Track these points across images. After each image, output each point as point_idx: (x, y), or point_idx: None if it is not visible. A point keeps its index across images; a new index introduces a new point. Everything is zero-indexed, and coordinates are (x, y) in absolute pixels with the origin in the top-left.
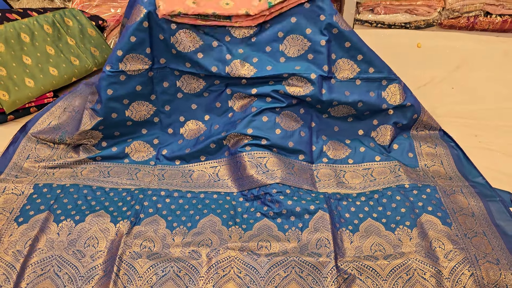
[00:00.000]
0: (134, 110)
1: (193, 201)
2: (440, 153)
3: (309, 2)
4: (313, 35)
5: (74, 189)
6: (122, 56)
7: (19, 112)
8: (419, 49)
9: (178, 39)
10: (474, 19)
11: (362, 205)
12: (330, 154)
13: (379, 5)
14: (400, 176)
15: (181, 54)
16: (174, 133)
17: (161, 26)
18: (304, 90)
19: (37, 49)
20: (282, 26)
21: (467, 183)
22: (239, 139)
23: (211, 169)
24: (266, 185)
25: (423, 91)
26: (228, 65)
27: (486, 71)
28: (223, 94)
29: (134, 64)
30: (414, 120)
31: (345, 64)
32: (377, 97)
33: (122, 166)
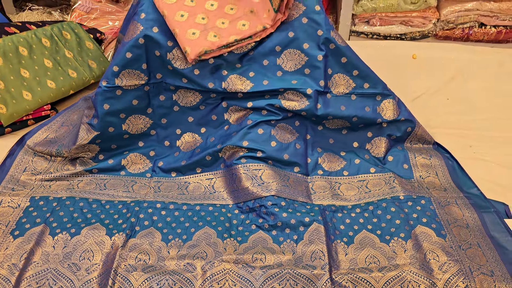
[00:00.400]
0: (131, 124)
1: (189, 214)
2: (435, 164)
3: (307, 16)
4: (310, 50)
5: (70, 201)
6: (118, 71)
7: (16, 125)
8: (415, 60)
9: (174, 56)
10: (469, 30)
11: (357, 217)
12: (325, 166)
13: (374, 17)
14: (395, 187)
15: (177, 71)
16: (170, 145)
17: (157, 42)
18: (300, 105)
19: (35, 62)
20: (280, 40)
21: (461, 194)
22: (234, 151)
23: (206, 181)
24: (261, 197)
25: (418, 102)
26: (224, 80)
27: (481, 82)
28: (219, 107)
29: (130, 79)
30: (408, 133)
31: (341, 79)
32: (372, 112)
33: (118, 178)
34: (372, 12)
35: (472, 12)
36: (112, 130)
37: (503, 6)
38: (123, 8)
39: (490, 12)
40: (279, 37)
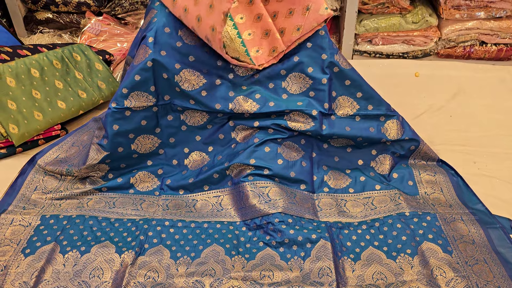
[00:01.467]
0: (140, 144)
1: (197, 231)
2: (440, 180)
3: (311, 41)
4: (315, 73)
5: (80, 220)
6: (127, 93)
7: (27, 145)
8: (417, 78)
9: (182, 78)
10: (470, 48)
11: (364, 234)
12: (331, 183)
13: (377, 36)
14: (400, 204)
15: (184, 92)
16: (178, 164)
17: (165, 66)
18: (305, 126)
19: (46, 84)
20: (285, 64)
21: (467, 210)
22: (241, 169)
23: (214, 198)
24: (269, 215)
25: (421, 119)
26: (231, 101)
27: (483, 99)
28: (226, 126)
29: (139, 101)
30: (412, 151)
31: (345, 102)
32: (376, 132)
33: (127, 196)
34: (374, 32)
35: (472, 31)
36: (121, 150)
37: (503, 24)
38: (131, 30)
39: (490, 31)
40: (284, 62)
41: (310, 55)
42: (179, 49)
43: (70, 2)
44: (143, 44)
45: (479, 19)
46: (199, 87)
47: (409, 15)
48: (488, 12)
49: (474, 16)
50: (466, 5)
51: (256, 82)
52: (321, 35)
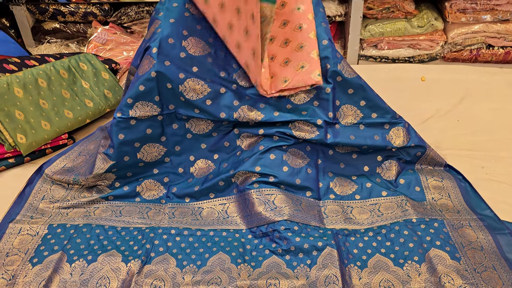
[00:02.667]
0: (145, 152)
1: (203, 239)
2: (447, 186)
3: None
4: None
5: (87, 229)
6: (132, 103)
7: (35, 154)
8: (424, 83)
9: (186, 87)
10: (477, 52)
11: (370, 241)
12: (337, 190)
13: (382, 41)
14: (407, 210)
15: (189, 102)
16: (184, 172)
17: (169, 76)
18: (310, 134)
19: (53, 93)
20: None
21: (475, 216)
22: (247, 177)
23: (220, 206)
24: (274, 222)
25: (428, 124)
26: (236, 111)
27: (490, 103)
28: (231, 134)
29: (144, 110)
30: (418, 157)
31: (348, 110)
32: (381, 140)
33: (133, 205)
34: (379, 37)
35: (479, 34)
36: (127, 159)
37: (510, 27)
38: (137, 39)
39: (497, 34)
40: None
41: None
42: (183, 59)
43: (77, 12)
44: (147, 54)
45: (485, 22)
46: (204, 96)
47: (414, 19)
48: (494, 15)
49: (480, 19)
50: (472, 8)
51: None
52: (324, 45)
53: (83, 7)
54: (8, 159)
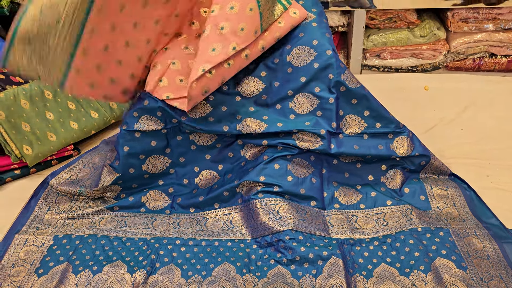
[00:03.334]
0: (151, 164)
1: (208, 249)
2: (452, 194)
3: (318, 61)
4: (322, 93)
5: (92, 239)
6: (138, 117)
7: (41, 165)
8: (427, 92)
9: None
10: (480, 61)
11: (376, 250)
12: (342, 199)
13: (385, 51)
14: (413, 219)
15: (192, 120)
16: (189, 183)
17: None
18: (314, 145)
19: (59, 105)
20: (292, 85)
21: (480, 224)
22: (251, 187)
23: (225, 216)
24: (279, 232)
25: (432, 132)
26: (239, 123)
27: (494, 111)
28: (234, 144)
29: (148, 124)
30: (422, 166)
31: (352, 120)
32: (385, 149)
33: (138, 215)
34: (382, 46)
35: (481, 43)
36: (132, 171)
37: None
38: None
39: (499, 43)
40: (291, 82)
41: (317, 75)
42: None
43: None
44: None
45: (487, 31)
46: (206, 114)
47: (416, 29)
48: (496, 24)
49: (483, 29)
50: (474, 18)
51: (263, 104)
52: (328, 55)
53: None
54: (14, 171)
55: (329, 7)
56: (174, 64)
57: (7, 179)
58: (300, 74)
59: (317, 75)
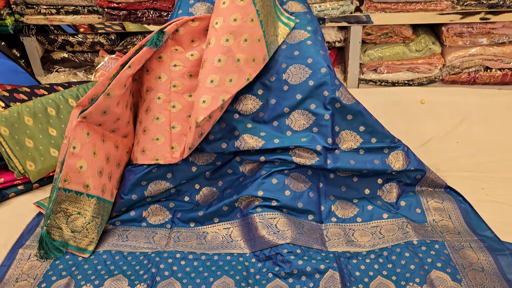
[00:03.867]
0: (152, 190)
1: (207, 263)
2: (448, 207)
3: (313, 79)
4: (317, 109)
5: (94, 254)
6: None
7: (44, 181)
8: (423, 105)
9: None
10: (475, 74)
11: (372, 263)
12: (339, 213)
13: (381, 65)
14: (408, 232)
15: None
16: (190, 199)
17: None
18: (310, 161)
19: (62, 121)
20: (288, 102)
21: (475, 237)
22: (250, 201)
23: (224, 230)
24: (277, 245)
25: (428, 146)
26: (237, 139)
27: (490, 124)
28: (233, 161)
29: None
30: (418, 180)
31: (348, 136)
32: (381, 164)
33: (139, 229)
34: (379, 61)
35: (476, 57)
36: (135, 197)
37: (506, 50)
38: None
39: (494, 56)
40: (287, 100)
41: (312, 93)
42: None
43: (84, 42)
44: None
45: (482, 45)
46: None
47: (412, 44)
48: (490, 38)
49: (477, 43)
50: (469, 32)
51: (261, 121)
52: (322, 72)
53: (91, 37)
54: (17, 186)
55: (326, 23)
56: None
57: (11, 194)
58: (296, 92)
59: (312, 92)
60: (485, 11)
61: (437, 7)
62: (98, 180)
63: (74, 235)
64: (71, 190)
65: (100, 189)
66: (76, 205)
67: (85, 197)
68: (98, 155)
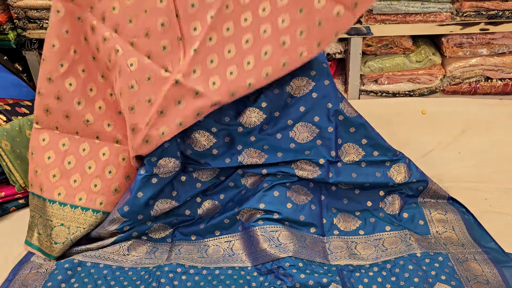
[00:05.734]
0: (159, 209)
1: (209, 277)
2: (451, 219)
3: (316, 91)
4: (321, 122)
5: (95, 269)
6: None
7: None
8: (424, 116)
9: (193, 140)
10: (476, 84)
11: (375, 276)
12: (341, 226)
13: (382, 76)
14: (412, 245)
15: (197, 153)
16: (192, 213)
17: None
18: (312, 174)
19: None
20: (292, 115)
21: (479, 249)
22: (252, 214)
23: (225, 243)
24: (279, 259)
25: (430, 157)
26: (240, 154)
27: (492, 134)
28: (235, 174)
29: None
30: (420, 191)
31: (350, 148)
32: (383, 177)
33: (141, 242)
34: (379, 72)
35: (477, 67)
36: (141, 217)
37: (507, 60)
38: None
39: (494, 66)
40: (291, 113)
41: (316, 105)
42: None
43: None
44: None
45: (482, 55)
46: (210, 146)
47: (412, 55)
48: (490, 49)
49: (477, 53)
50: (468, 43)
51: (264, 133)
52: (325, 85)
53: None
54: (18, 200)
55: None
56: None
57: (11, 208)
58: (300, 104)
59: (316, 104)
60: (484, 22)
61: (436, 18)
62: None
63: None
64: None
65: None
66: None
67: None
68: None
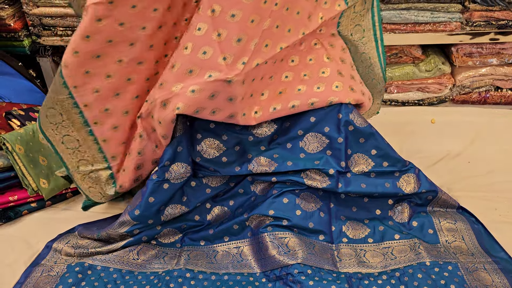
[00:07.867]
0: (169, 215)
1: (217, 283)
2: (461, 228)
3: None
4: (331, 132)
5: (105, 273)
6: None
7: (56, 198)
8: (434, 125)
9: (203, 148)
10: (486, 94)
11: (384, 284)
12: (350, 234)
13: (391, 85)
14: (421, 253)
15: (207, 160)
16: (201, 219)
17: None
18: (322, 184)
19: None
20: (302, 125)
21: (489, 258)
22: (261, 220)
23: (234, 249)
24: (288, 266)
25: (439, 166)
26: (250, 162)
27: (502, 144)
28: (245, 181)
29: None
30: (429, 200)
31: (360, 159)
32: (392, 187)
33: (150, 246)
34: (389, 81)
35: (486, 77)
36: (151, 222)
37: None
38: None
39: (504, 76)
40: (301, 123)
41: (326, 115)
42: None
43: None
44: None
45: (492, 65)
46: (220, 154)
47: (422, 64)
48: (500, 58)
49: (487, 63)
50: (478, 53)
51: (275, 142)
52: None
53: None
54: (30, 203)
55: None
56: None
57: (24, 211)
58: (310, 114)
59: (326, 115)
60: (494, 32)
61: (446, 28)
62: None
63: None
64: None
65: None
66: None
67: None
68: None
